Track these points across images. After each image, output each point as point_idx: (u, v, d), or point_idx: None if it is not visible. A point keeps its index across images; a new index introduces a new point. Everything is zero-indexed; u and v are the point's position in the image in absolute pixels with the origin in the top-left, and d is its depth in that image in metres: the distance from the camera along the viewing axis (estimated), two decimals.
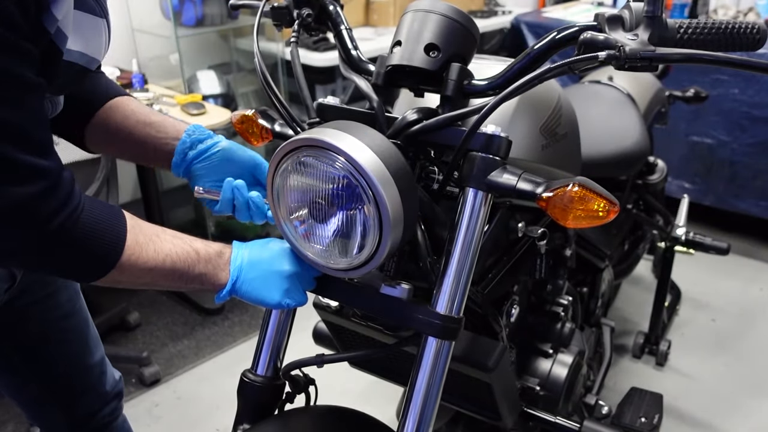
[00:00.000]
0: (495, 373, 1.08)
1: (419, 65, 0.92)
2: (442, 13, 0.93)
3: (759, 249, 3.08)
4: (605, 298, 1.92)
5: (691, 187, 3.08)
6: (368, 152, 0.81)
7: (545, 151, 1.13)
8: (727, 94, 2.85)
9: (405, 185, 0.83)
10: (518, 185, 0.86)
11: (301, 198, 0.88)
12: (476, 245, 0.90)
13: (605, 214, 0.83)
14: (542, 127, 1.12)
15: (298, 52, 1.04)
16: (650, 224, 2.24)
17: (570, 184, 0.83)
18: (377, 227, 0.82)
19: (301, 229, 0.90)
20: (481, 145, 0.88)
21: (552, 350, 1.43)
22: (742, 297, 2.76)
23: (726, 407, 2.18)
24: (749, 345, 2.48)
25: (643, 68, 0.75)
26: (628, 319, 2.58)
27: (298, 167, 0.86)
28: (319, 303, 1.19)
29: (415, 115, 0.91)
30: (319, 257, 0.90)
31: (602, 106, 1.93)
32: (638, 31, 0.77)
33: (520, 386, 1.37)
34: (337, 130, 0.83)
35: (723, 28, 0.76)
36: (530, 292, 1.47)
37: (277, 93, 0.99)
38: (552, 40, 0.89)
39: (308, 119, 1.00)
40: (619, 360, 2.38)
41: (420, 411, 0.90)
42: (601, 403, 1.62)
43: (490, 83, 0.94)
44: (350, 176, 0.81)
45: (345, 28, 1.08)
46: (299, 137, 0.84)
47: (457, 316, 0.90)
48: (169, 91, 2.82)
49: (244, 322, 2.66)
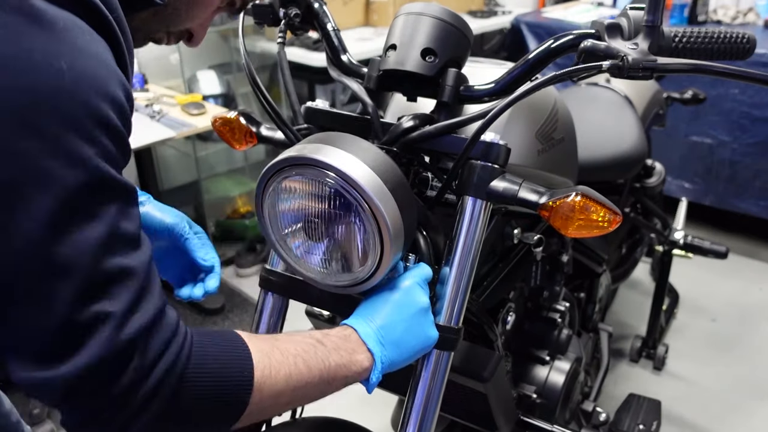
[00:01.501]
0: (490, 383, 1.06)
1: (415, 70, 0.90)
2: (436, 16, 0.91)
3: (759, 249, 3.07)
4: (603, 303, 1.91)
5: (690, 187, 3.07)
6: (363, 167, 0.78)
7: (541, 156, 1.11)
8: (727, 94, 2.84)
9: (403, 197, 0.81)
10: (520, 194, 0.85)
11: (294, 218, 0.85)
12: (475, 254, 0.89)
13: (607, 224, 0.83)
14: (538, 132, 1.11)
15: (285, 53, 1.01)
16: (648, 228, 2.22)
17: (572, 194, 0.82)
18: (378, 242, 0.80)
19: (297, 250, 0.87)
20: (480, 153, 0.87)
21: (549, 357, 1.42)
22: (742, 297, 2.75)
23: (725, 410, 2.16)
24: (749, 346, 2.47)
25: (643, 77, 0.75)
26: (626, 323, 2.56)
27: (288, 187, 0.82)
28: (311, 311, 1.18)
29: (411, 122, 0.90)
30: (319, 276, 0.87)
31: (599, 108, 1.91)
32: (638, 40, 0.77)
33: (516, 394, 1.35)
34: (328, 146, 0.80)
35: (716, 37, 0.77)
36: (526, 299, 1.46)
37: (266, 94, 0.97)
38: (551, 47, 0.88)
39: (296, 125, 0.98)
40: (616, 365, 2.36)
41: (419, 422, 0.89)
42: (598, 410, 1.60)
43: (487, 90, 0.92)
44: (346, 194, 0.78)
45: (332, 28, 1.06)
46: (288, 155, 0.80)
47: (456, 327, 0.89)
48: (169, 91, 2.81)
49: (245, 321, 2.64)
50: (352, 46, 1.13)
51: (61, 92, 0.59)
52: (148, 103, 2.56)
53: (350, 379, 0.79)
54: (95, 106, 0.61)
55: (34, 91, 0.58)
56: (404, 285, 0.84)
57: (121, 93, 0.64)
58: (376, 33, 3.24)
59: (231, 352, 0.71)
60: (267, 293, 1.01)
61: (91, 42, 0.63)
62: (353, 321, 0.83)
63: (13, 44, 0.57)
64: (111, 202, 0.63)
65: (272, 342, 0.75)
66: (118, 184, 0.64)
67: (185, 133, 2.41)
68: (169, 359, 0.65)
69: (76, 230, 0.60)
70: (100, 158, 0.61)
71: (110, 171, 0.63)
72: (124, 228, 0.64)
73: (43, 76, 0.58)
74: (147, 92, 2.71)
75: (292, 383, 0.73)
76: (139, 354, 0.63)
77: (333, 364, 0.77)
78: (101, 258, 0.61)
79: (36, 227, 0.59)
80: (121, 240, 0.64)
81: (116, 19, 0.67)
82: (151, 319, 0.65)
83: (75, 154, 0.59)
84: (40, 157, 0.58)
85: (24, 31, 0.58)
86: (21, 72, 0.57)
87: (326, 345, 0.78)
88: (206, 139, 3.09)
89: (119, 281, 0.63)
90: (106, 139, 0.62)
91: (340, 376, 0.78)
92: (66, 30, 0.61)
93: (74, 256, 0.60)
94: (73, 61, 0.60)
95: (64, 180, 0.59)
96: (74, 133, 0.59)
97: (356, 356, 0.79)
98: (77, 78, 0.59)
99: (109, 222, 0.62)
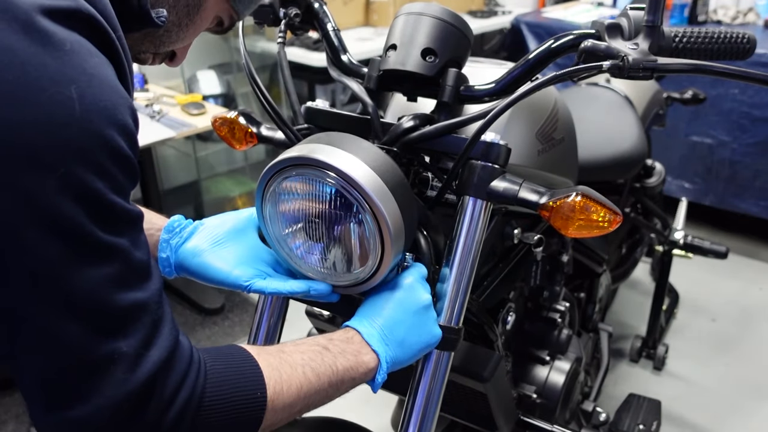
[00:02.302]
0: (490, 383, 1.06)
1: (416, 70, 0.90)
2: (437, 16, 0.91)
3: (759, 249, 3.07)
4: (603, 303, 1.91)
5: (691, 187, 3.07)
6: (364, 168, 0.78)
7: (541, 156, 1.11)
8: (727, 94, 2.84)
9: (403, 197, 0.81)
10: (520, 194, 0.85)
11: (294, 218, 0.84)
12: (476, 254, 0.89)
13: (607, 224, 0.83)
14: (538, 132, 1.11)
15: (285, 53, 1.01)
16: (648, 228, 2.22)
17: (572, 194, 0.82)
18: (378, 242, 0.80)
19: (297, 250, 0.86)
20: (480, 153, 0.87)
21: (549, 357, 1.42)
22: (742, 297, 2.75)
23: (725, 410, 2.16)
24: (749, 346, 2.47)
25: (643, 77, 0.75)
26: (626, 323, 2.56)
27: (289, 187, 0.82)
28: (311, 311, 1.18)
29: (411, 122, 0.90)
30: (319, 276, 0.87)
31: (600, 108, 1.91)
32: (638, 40, 0.77)
33: (516, 394, 1.35)
34: (329, 146, 0.79)
35: (716, 37, 0.77)
36: (527, 299, 1.46)
37: (266, 94, 0.97)
38: (551, 47, 0.88)
39: (296, 125, 0.98)
40: (616, 365, 2.36)
41: (419, 422, 0.89)
42: (598, 410, 1.60)
43: (487, 90, 0.92)
44: (347, 194, 0.78)
45: (332, 28, 1.06)
46: (289, 155, 0.80)
47: (456, 327, 0.89)
48: (169, 91, 2.81)
49: (245, 321, 2.64)
50: (352, 46, 1.13)
51: (72, 124, 0.55)
52: (148, 103, 2.56)
53: (357, 381, 0.79)
54: (107, 136, 0.58)
55: (43, 124, 0.54)
56: (405, 283, 0.84)
57: (129, 119, 0.62)
58: (376, 33, 3.24)
59: (243, 373, 0.70)
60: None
61: (99, 65, 0.60)
62: (355, 322, 0.82)
63: (19, 70, 0.54)
64: (122, 234, 0.61)
65: (280, 355, 0.75)
66: (128, 214, 0.62)
67: (185, 133, 2.41)
68: (187, 392, 0.64)
69: (88, 268, 0.58)
70: (111, 191, 0.59)
71: (121, 202, 0.60)
72: (136, 258, 0.62)
73: (53, 107, 0.55)
74: (147, 92, 2.71)
75: (302, 394, 0.73)
76: (158, 391, 0.62)
77: (341, 368, 0.77)
78: (114, 294, 0.60)
79: (45, 267, 0.56)
80: (133, 272, 0.62)
81: (119, 39, 0.65)
82: (167, 353, 0.64)
83: (86, 190, 0.57)
84: (51, 195, 0.55)
85: (31, 54, 0.55)
86: (28, 103, 0.54)
87: (332, 350, 0.78)
88: (206, 139, 3.09)
89: (133, 317, 0.61)
90: (117, 170, 0.60)
91: (348, 378, 0.77)
92: (73, 53, 0.57)
93: (86, 295, 0.58)
94: (83, 89, 0.57)
95: (75, 218, 0.56)
96: (86, 167, 0.57)
97: (362, 358, 0.79)
98: (88, 107, 0.57)
99: (122, 256, 0.61)
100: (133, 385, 0.60)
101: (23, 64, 0.54)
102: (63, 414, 0.59)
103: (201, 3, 0.80)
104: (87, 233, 0.57)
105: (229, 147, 1.13)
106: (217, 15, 0.86)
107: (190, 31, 0.83)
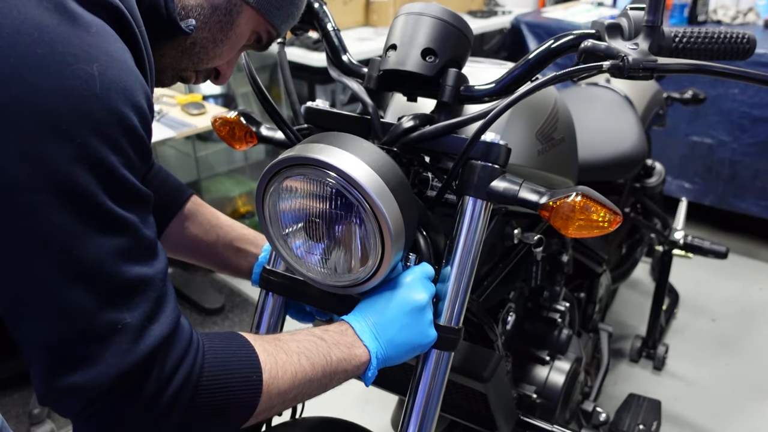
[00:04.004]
0: (490, 383, 1.06)
1: (416, 70, 0.90)
2: (437, 16, 0.91)
3: (759, 249, 3.07)
4: (603, 303, 1.91)
5: (691, 187, 3.07)
6: (364, 167, 0.78)
7: (541, 156, 1.11)
8: (727, 94, 2.84)
9: (404, 197, 0.81)
10: (520, 194, 0.85)
11: (295, 218, 0.85)
12: (476, 254, 0.89)
13: (607, 224, 0.82)
14: (538, 132, 1.11)
15: (285, 53, 1.02)
16: (648, 228, 2.22)
17: (572, 194, 0.82)
18: (378, 242, 0.80)
19: (297, 250, 0.87)
20: (480, 153, 0.87)
21: (549, 357, 1.42)
22: (742, 297, 2.75)
23: (725, 410, 2.16)
24: (749, 346, 2.47)
25: (643, 77, 0.75)
26: (626, 323, 2.56)
27: (289, 187, 0.82)
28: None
29: (411, 122, 0.90)
30: (319, 276, 0.87)
31: (600, 108, 1.91)
32: (638, 40, 0.77)
33: (516, 394, 1.35)
34: (329, 146, 0.80)
35: (716, 38, 0.77)
36: (527, 299, 1.46)
37: (266, 94, 0.97)
38: (551, 47, 0.88)
39: (296, 125, 0.98)
40: (616, 365, 2.36)
41: (419, 422, 0.89)
42: (598, 410, 1.60)
43: (487, 90, 0.92)
44: (347, 194, 0.78)
45: (332, 28, 1.06)
46: (289, 155, 0.80)
47: (456, 327, 0.89)
48: (169, 91, 2.80)
49: (245, 321, 2.64)
50: (352, 46, 1.13)
51: (91, 98, 0.59)
52: None
53: (350, 373, 0.80)
54: (123, 114, 0.61)
55: (66, 95, 0.58)
56: (404, 282, 0.85)
57: (144, 103, 0.65)
58: (376, 33, 3.24)
59: (240, 356, 0.72)
60: (267, 293, 1.01)
61: (120, 50, 0.64)
62: (350, 317, 0.84)
63: (47, 46, 0.58)
64: (132, 210, 0.63)
65: (276, 342, 0.76)
66: (138, 192, 0.65)
67: (185, 133, 2.41)
68: (185, 370, 0.66)
69: (98, 237, 0.60)
70: (123, 166, 0.62)
71: (132, 179, 0.63)
72: (144, 234, 0.64)
73: (75, 80, 0.58)
74: None
75: (297, 381, 0.75)
76: (158, 365, 0.64)
77: (334, 359, 0.78)
78: (122, 265, 0.62)
79: (57, 233, 0.58)
80: (140, 248, 0.64)
81: (141, 33, 0.69)
82: (168, 330, 0.65)
83: (100, 161, 0.60)
84: (66, 163, 0.58)
85: (60, 32, 0.59)
86: (53, 75, 0.58)
87: (326, 341, 0.79)
88: (206, 139, 3.09)
89: (138, 290, 0.63)
90: (130, 147, 0.63)
91: (341, 369, 0.79)
92: (98, 35, 0.62)
93: (94, 263, 0.60)
94: (104, 68, 0.60)
95: (87, 187, 0.59)
96: (102, 140, 0.60)
97: (354, 351, 0.80)
98: (108, 85, 0.60)
99: (131, 230, 0.63)
100: (136, 357, 0.62)
101: (52, 40, 0.58)
102: (65, 379, 0.60)
103: (234, 19, 0.82)
104: (98, 203, 0.60)
105: (229, 147, 1.13)
106: (254, 31, 0.88)
107: (226, 47, 0.85)
